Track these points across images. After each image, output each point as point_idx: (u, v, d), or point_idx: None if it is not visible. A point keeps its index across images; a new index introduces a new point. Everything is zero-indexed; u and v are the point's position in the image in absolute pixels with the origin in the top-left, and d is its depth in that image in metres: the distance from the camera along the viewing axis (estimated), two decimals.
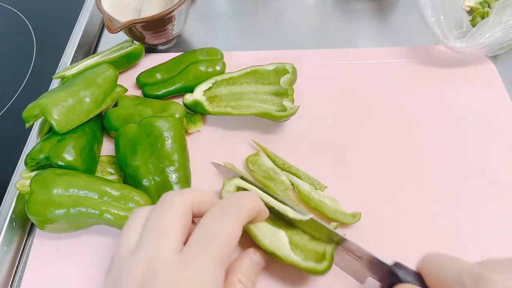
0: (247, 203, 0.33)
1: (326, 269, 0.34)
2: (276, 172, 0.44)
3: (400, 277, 0.31)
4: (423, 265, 0.31)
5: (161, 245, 0.28)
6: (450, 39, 0.51)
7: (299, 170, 0.45)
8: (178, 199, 0.31)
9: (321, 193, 0.43)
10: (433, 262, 0.31)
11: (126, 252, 0.29)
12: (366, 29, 0.61)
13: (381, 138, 0.48)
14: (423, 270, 0.31)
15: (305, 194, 0.42)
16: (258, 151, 0.46)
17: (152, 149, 0.41)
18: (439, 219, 0.41)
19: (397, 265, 0.32)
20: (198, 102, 0.48)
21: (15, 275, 0.41)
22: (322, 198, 0.42)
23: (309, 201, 0.42)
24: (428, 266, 0.31)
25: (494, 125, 0.48)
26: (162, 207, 0.31)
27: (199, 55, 0.52)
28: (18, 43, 0.65)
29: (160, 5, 0.58)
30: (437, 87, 0.52)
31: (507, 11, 0.49)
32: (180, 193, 0.32)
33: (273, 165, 0.45)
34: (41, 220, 0.38)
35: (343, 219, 0.40)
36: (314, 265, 0.34)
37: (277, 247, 0.35)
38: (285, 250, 0.35)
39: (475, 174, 0.44)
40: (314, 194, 0.42)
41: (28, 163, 0.42)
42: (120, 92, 0.49)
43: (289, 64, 0.49)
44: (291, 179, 0.44)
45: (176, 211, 0.30)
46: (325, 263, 0.34)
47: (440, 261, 0.30)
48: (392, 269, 0.32)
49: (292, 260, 0.34)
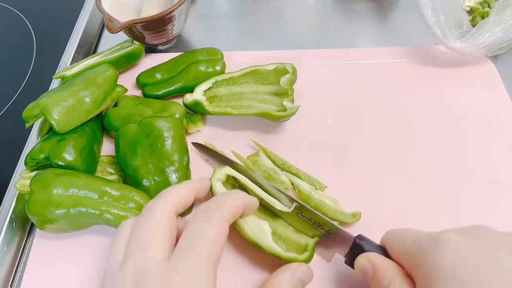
0: (232, 203, 0.33)
1: (307, 260, 0.35)
2: (276, 172, 0.44)
3: (364, 248, 0.33)
4: (385, 238, 0.32)
5: (147, 255, 0.28)
6: (450, 39, 0.51)
7: (299, 170, 0.45)
8: (159, 207, 0.31)
9: (321, 193, 0.43)
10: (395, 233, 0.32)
11: (114, 267, 0.29)
12: (366, 29, 0.61)
13: (381, 138, 0.48)
14: (385, 242, 0.32)
15: (305, 194, 0.42)
16: (258, 151, 0.46)
17: (152, 149, 0.41)
18: (438, 219, 0.41)
19: (360, 237, 0.34)
20: (198, 102, 0.48)
21: (15, 275, 0.41)
22: (322, 198, 0.42)
23: (309, 200, 0.42)
24: (390, 238, 0.32)
25: (494, 125, 0.48)
26: (144, 217, 0.31)
27: (199, 55, 0.52)
28: (18, 43, 0.65)
29: (160, 5, 0.58)
30: (437, 87, 0.52)
31: (507, 11, 0.49)
32: (162, 199, 0.32)
33: (273, 165, 0.45)
34: (41, 220, 0.38)
35: (343, 219, 0.41)
36: (295, 255, 0.35)
37: (259, 238, 0.36)
38: (267, 241, 0.35)
39: (475, 174, 0.44)
40: (314, 194, 0.42)
41: (28, 163, 0.42)
42: (120, 92, 0.49)
43: (289, 64, 0.49)
44: (291, 179, 0.44)
45: (158, 219, 0.31)
46: (306, 254, 0.35)
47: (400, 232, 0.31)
48: (356, 240, 0.34)
49: (274, 250, 0.35)
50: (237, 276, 0.38)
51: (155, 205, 0.32)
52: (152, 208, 0.32)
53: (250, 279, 0.38)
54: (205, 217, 0.31)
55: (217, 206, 0.32)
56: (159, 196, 0.33)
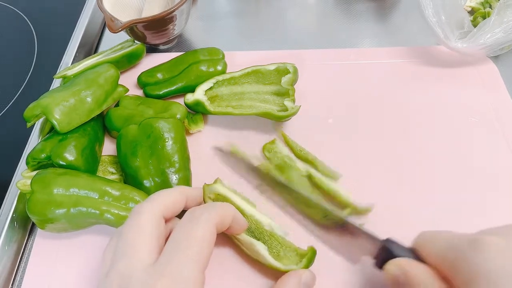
0: (220, 209, 0.32)
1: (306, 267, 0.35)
2: (292, 159, 0.45)
3: (393, 252, 0.31)
4: (418, 241, 0.31)
5: (133, 261, 0.28)
6: (451, 40, 0.51)
7: (316, 158, 0.45)
8: (145, 210, 0.31)
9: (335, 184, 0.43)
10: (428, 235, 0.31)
11: (103, 275, 0.29)
12: (367, 29, 0.61)
13: (382, 138, 0.48)
14: (418, 245, 0.31)
15: (319, 182, 0.43)
16: (275, 138, 0.47)
17: (152, 150, 0.41)
18: (438, 220, 0.41)
19: (389, 240, 0.33)
20: (200, 101, 0.48)
21: (17, 274, 0.41)
22: (336, 188, 0.43)
23: (323, 186, 0.42)
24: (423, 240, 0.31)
25: (495, 125, 0.48)
26: (131, 222, 0.30)
27: (200, 55, 0.53)
28: (19, 43, 0.65)
29: (162, 5, 0.58)
30: (438, 87, 0.52)
31: (508, 11, 0.49)
32: (149, 202, 0.32)
33: (289, 153, 0.46)
34: (41, 219, 0.38)
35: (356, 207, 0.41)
36: (294, 266, 0.36)
37: (257, 257, 0.37)
38: (265, 259, 0.36)
39: (475, 175, 0.44)
40: (329, 182, 0.43)
41: (30, 162, 0.42)
42: (121, 92, 0.49)
43: (290, 64, 0.49)
44: (307, 168, 0.44)
45: (144, 222, 0.30)
46: (304, 261, 0.36)
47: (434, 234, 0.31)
48: (385, 244, 0.32)
49: (273, 266, 0.36)
50: (245, 282, 0.38)
51: (141, 208, 0.31)
52: (138, 211, 0.31)
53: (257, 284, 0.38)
54: (191, 219, 0.30)
55: (204, 209, 0.31)
56: (147, 199, 0.32)
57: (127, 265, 0.28)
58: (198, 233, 0.29)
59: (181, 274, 0.27)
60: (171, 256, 0.28)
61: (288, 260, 0.37)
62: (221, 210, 0.32)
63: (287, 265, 0.36)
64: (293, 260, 0.37)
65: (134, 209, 0.32)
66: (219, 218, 0.32)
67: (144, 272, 0.27)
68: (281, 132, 0.48)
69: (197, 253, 0.28)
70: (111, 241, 0.31)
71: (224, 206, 0.34)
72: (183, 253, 0.28)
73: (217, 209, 0.32)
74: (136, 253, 0.28)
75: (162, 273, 0.27)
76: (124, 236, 0.30)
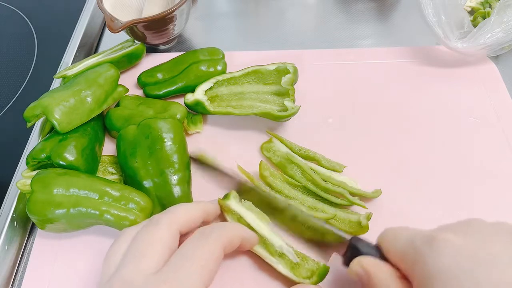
0: (230, 230, 0.33)
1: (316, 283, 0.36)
2: (292, 155, 0.45)
3: (360, 250, 0.32)
4: (380, 238, 0.32)
5: (139, 267, 0.28)
6: (451, 39, 0.51)
7: (316, 154, 0.45)
8: (165, 221, 0.31)
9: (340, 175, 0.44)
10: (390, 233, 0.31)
11: (105, 278, 0.29)
12: (367, 29, 0.61)
13: (382, 138, 0.48)
14: (381, 242, 0.31)
15: (324, 175, 0.43)
16: (271, 137, 0.47)
17: (151, 151, 0.41)
18: (438, 220, 0.41)
19: (356, 238, 0.33)
20: (199, 101, 0.48)
21: (16, 274, 0.41)
22: (341, 179, 0.43)
23: (330, 179, 0.43)
24: (385, 238, 0.31)
25: (495, 125, 0.48)
26: (148, 228, 0.31)
27: (200, 55, 0.53)
28: (19, 43, 0.65)
29: (162, 5, 0.58)
30: (438, 87, 0.52)
31: (508, 11, 0.49)
32: (169, 214, 0.32)
33: (288, 150, 0.46)
34: (41, 219, 0.38)
35: (364, 194, 0.42)
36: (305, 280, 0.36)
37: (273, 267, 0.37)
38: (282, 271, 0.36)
39: (475, 175, 0.44)
40: (333, 175, 0.43)
41: (30, 162, 0.42)
42: (121, 92, 0.49)
43: (290, 64, 0.49)
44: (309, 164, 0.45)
45: (161, 232, 0.30)
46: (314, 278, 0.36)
47: (395, 231, 0.31)
48: (352, 242, 0.33)
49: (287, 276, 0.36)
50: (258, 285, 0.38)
51: (161, 219, 0.31)
52: (157, 221, 0.31)
53: None
54: (201, 237, 0.31)
55: (214, 229, 0.32)
56: (168, 210, 0.33)
57: (131, 272, 0.28)
58: (205, 249, 0.29)
59: (182, 284, 0.27)
60: (176, 267, 0.28)
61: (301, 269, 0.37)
62: (231, 232, 0.33)
63: (299, 277, 0.36)
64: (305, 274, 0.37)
65: (153, 218, 0.32)
66: (227, 239, 0.32)
67: (145, 279, 0.27)
68: (274, 135, 0.47)
69: (201, 267, 0.28)
70: (115, 244, 0.31)
71: (234, 228, 0.34)
72: (187, 265, 0.28)
73: (227, 230, 0.33)
74: (145, 260, 0.28)
75: (163, 281, 0.27)
76: (136, 244, 0.30)
